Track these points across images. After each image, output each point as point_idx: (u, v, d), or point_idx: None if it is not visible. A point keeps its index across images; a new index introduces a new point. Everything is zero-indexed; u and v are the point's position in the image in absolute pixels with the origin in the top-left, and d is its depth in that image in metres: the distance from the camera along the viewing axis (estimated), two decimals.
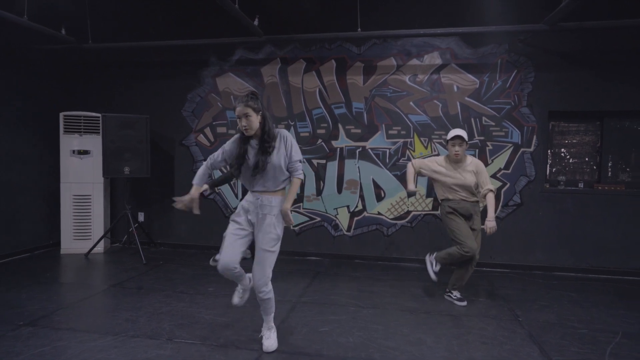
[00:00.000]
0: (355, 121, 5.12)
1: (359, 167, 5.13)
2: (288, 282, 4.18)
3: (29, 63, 5.11)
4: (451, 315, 3.36)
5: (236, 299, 2.96)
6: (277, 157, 2.55)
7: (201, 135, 5.48)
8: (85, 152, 5.26)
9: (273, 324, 2.82)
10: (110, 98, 5.63)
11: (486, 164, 4.85)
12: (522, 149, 4.77)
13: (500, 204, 4.84)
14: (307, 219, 5.27)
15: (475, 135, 4.87)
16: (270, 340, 2.74)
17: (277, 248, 2.64)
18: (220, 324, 3.09)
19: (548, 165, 4.90)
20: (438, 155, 4.90)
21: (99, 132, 5.24)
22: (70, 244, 5.25)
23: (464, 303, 3.60)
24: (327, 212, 5.22)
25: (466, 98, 4.87)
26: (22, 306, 3.35)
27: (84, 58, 5.60)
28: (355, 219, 5.17)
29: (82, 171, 5.25)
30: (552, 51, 4.63)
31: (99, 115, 5.22)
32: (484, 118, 4.84)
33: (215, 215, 5.47)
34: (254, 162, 2.52)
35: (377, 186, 5.11)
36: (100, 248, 5.26)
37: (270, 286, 2.68)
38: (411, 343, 2.85)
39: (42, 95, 5.32)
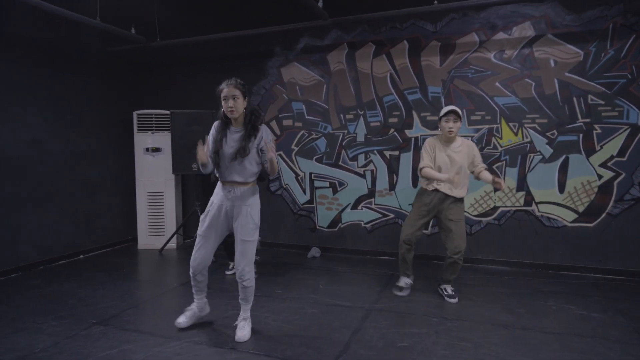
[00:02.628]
0: (432, 107, 4.60)
1: None
2: (359, 286, 3.85)
3: (101, 64, 5.29)
4: (557, 334, 2.79)
5: (182, 317, 2.91)
6: (254, 147, 2.59)
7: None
8: (157, 150, 5.34)
9: (248, 315, 2.82)
10: (178, 95, 5.67)
11: (594, 151, 4.09)
12: None
13: (613, 199, 4.06)
14: (379, 215, 4.88)
15: (579, 117, 4.11)
16: (244, 331, 2.72)
17: (256, 236, 2.71)
18: (287, 332, 2.84)
19: None
20: (530, 142, 4.27)
21: (169, 129, 5.29)
22: (146, 239, 5.38)
23: (454, 300, 3.38)
24: (401, 208, 4.78)
25: (566, 74, 4.13)
26: (96, 303, 3.38)
27: (152, 56, 5.70)
28: None
29: (154, 168, 5.34)
30: None
31: (168, 112, 5.27)
32: (590, 96, 4.07)
33: (283, 212, 5.29)
34: (238, 148, 2.56)
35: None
36: (173, 244, 5.33)
37: (252, 274, 2.72)
38: None
39: (115, 95, 5.49)
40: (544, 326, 2.92)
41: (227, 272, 4.26)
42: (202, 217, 2.76)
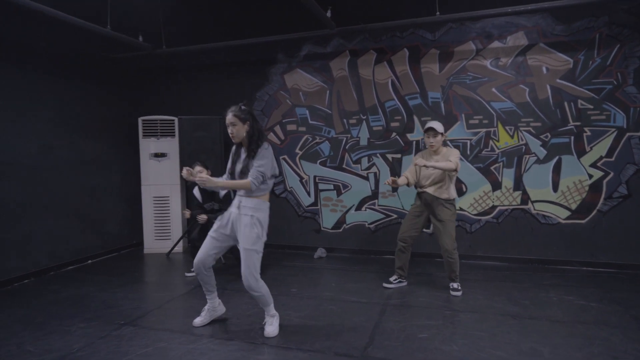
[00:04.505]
0: (432, 112, 4.82)
1: None
2: (369, 283, 4.02)
3: (108, 71, 5.35)
4: (562, 322, 3.02)
5: (197, 319, 3.08)
6: (249, 166, 2.76)
7: (271, 133, 5.44)
8: (162, 155, 5.41)
9: (275, 312, 2.96)
10: (183, 101, 5.75)
11: (584, 152, 4.38)
12: (628, 134, 4.24)
13: (603, 196, 4.35)
14: (382, 216, 5.07)
15: (570, 120, 4.40)
16: (272, 327, 2.88)
17: (258, 247, 2.76)
18: (311, 327, 2.99)
19: None
20: (525, 144, 4.54)
21: (174, 135, 5.38)
22: (152, 243, 5.44)
23: (458, 294, 3.62)
24: (404, 209, 4.98)
25: (558, 80, 4.41)
26: (119, 306, 3.46)
27: (157, 63, 5.77)
28: None
29: (160, 173, 5.41)
30: None
31: (174, 118, 5.36)
32: (579, 101, 4.36)
33: (288, 214, 5.43)
34: (241, 167, 2.78)
35: (457, 180, 4.78)
36: (179, 248, 5.40)
37: (260, 283, 2.81)
38: (525, 353, 2.57)
39: (122, 102, 5.55)
40: (549, 315, 3.15)
41: (187, 274, 4.38)
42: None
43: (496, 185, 4.67)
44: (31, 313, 3.31)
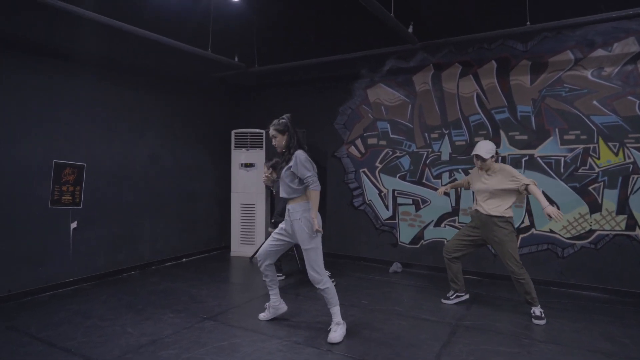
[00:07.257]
0: (521, 126, 4.54)
1: None
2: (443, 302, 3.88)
3: (206, 89, 5.96)
4: None
5: (262, 314, 3.39)
6: (286, 172, 3.03)
7: (352, 146, 5.57)
8: (251, 165, 5.84)
9: (341, 320, 3.02)
10: (271, 115, 6.08)
11: None
12: None
13: None
14: None
15: None
16: (335, 333, 2.94)
17: (314, 244, 3.00)
18: (377, 340, 3.00)
19: None
20: (634, 163, 4.04)
21: (262, 147, 5.78)
22: (238, 247, 5.87)
23: (541, 322, 3.33)
24: None
25: None
26: (204, 301, 3.82)
27: (250, 80, 6.28)
28: (521, 236, 4.55)
29: (247, 182, 5.84)
30: None
31: (262, 131, 5.76)
32: None
33: (366, 227, 5.48)
34: (281, 171, 3.08)
35: (548, 199, 4.40)
36: None
37: (325, 278, 3.01)
38: None
39: (217, 116, 6.14)
40: None
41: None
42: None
43: (595, 208, 4.21)
44: (135, 300, 3.82)
